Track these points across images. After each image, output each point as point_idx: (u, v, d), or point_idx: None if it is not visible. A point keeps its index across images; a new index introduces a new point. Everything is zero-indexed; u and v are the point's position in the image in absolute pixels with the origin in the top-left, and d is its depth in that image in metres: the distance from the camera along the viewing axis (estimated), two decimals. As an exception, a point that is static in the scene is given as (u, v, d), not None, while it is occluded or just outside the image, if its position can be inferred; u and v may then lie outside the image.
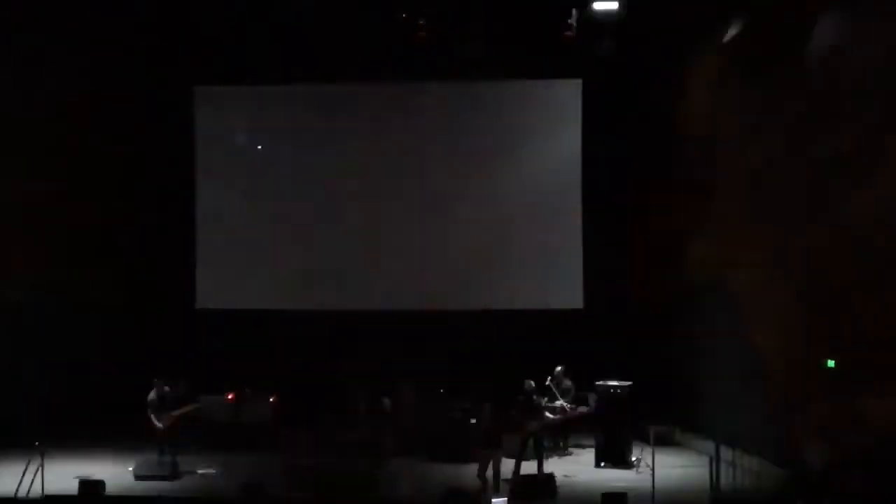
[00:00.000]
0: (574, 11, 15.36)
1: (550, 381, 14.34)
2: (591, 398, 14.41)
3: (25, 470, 11.84)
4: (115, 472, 13.15)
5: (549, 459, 13.70)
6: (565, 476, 13.07)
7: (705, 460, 12.23)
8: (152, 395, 13.47)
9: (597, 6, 15.17)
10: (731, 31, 13.60)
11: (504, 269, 17.14)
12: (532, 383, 13.39)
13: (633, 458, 13.76)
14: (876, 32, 10.89)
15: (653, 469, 11.84)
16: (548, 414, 13.81)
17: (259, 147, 17.66)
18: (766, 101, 13.29)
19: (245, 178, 17.68)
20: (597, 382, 14.32)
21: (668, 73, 15.64)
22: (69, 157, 16.05)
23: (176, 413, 13.54)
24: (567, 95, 17.11)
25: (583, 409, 14.32)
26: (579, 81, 17.01)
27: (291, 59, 16.65)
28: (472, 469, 12.71)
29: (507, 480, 12.36)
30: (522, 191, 17.16)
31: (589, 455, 14.28)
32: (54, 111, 15.68)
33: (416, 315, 17.03)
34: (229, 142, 17.71)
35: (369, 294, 17.41)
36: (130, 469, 13.19)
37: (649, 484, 11.71)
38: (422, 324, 16.84)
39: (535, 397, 13.34)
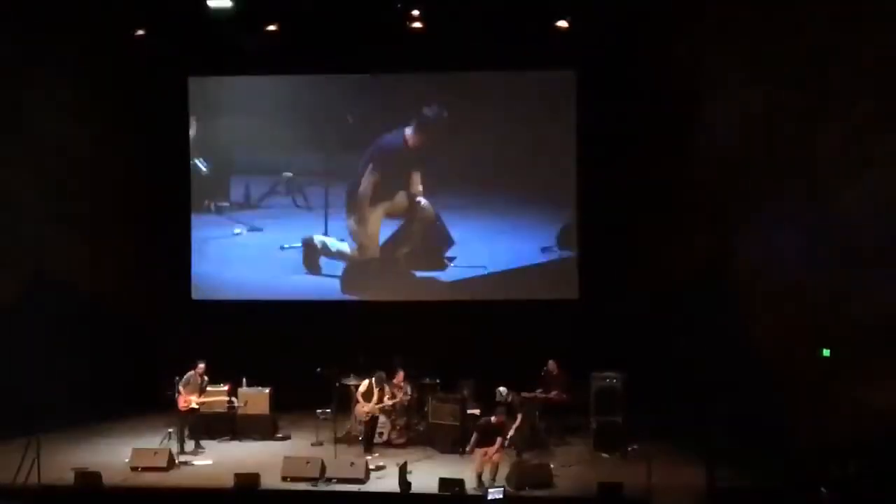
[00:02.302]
0: None
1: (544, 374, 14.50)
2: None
3: (23, 460, 11.84)
4: (112, 463, 13.15)
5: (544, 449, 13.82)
6: (561, 465, 13.14)
7: (702, 452, 12.23)
8: (191, 373, 14.01)
9: None
10: None
11: (499, 259, 17.13)
12: (503, 391, 13.80)
13: (630, 448, 13.78)
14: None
15: (649, 460, 11.86)
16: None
17: (253, 136, 17.60)
18: (764, 92, 13.32)
19: (240, 167, 17.63)
20: (593, 373, 14.38)
21: (664, 62, 15.65)
22: (64, 150, 15.98)
23: (210, 399, 14.18)
24: (562, 86, 17.08)
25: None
26: (572, 72, 16.98)
27: (286, 50, 16.55)
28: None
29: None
30: (518, 179, 17.13)
31: (584, 445, 14.30)
32: (49, 104, 15.59)
33: (411, 306, 17.01)
34: (224, 132, 17.65)
35: (364, 284, 17.43)
36: (127, 460, 13.15)
37: (644, 475, 11.73)
38: (417, 315, 16.80)
39: (510, 399, 13.58)
